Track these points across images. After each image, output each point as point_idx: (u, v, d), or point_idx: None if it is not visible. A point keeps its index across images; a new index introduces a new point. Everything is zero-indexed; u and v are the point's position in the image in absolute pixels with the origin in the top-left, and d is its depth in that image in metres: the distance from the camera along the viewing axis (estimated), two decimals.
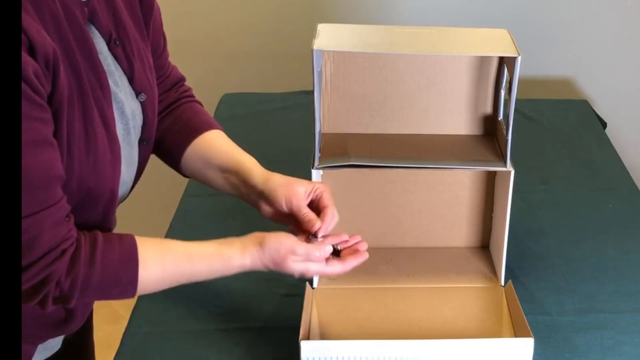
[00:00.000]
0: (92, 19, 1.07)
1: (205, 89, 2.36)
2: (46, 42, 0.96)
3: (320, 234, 1.22)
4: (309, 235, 1.23)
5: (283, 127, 2.06)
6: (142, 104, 1.17)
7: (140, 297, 1.45)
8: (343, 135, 1.48)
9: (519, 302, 1.35)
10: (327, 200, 1.26)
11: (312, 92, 1.34)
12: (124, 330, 1.38)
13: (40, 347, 1.20)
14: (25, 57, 0.92)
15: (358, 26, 1.41)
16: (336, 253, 1.23)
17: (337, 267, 1.21)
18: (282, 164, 1.84)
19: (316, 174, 1.40)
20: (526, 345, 1.23)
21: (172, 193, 1.73)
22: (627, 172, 1.87)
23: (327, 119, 1.48)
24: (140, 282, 1.08)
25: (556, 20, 2.36)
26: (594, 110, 2.19)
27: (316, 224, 1.22)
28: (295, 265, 1.17)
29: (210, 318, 1.40)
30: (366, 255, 1.23)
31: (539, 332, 1.31)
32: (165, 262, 1.11)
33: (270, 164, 1.86)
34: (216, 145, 1.33)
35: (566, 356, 1.32)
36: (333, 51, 1.41)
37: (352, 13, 2.40)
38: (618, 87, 2.43)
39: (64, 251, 1.01)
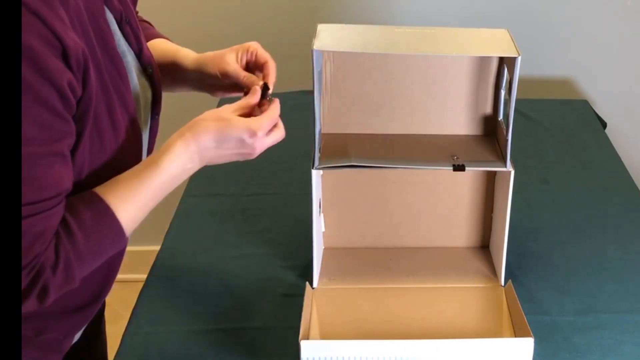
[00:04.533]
0: (108, 3, 1.07)
1: None
2: (77, 44, 0.95)
3: (270, 84, 1.23)
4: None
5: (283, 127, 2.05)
6: (150, 77, 1.17)
7: (140, 297, 1.45)
8: (343, 135, 1.48)
9: (519, 302, 1.35)
10: (263, 55, 1.27)
11: (312, 92, 1.34)
12: (124, 330, 1.38)
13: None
14: (60, 66, 0.92)
15: (358, 26, 1.41)
16: (265, 90, 1.22)
17: (278, 133, 1.20)
18: (282, 164, 1.85)
19: (316, 174, 1.40)
20: (526, 345, 1.23)
21: (172, 193, 1.73)
22: (627, 172, 1.87)
23: (327, 119, 1.48)
24: (124, 224, 1.06)
25: (556, 20, 2.36)
26: (594, 110, 2.19)
27: (259, 80, 1.22)
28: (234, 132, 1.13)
29: (210, 318, 1.40)
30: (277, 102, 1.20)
31: (539, 332, 1.31)
32: (135, 202, 1.09)
33: (270, 164, 1.87)
34: (156, 52, 1.31)
35: (566, 356, 1.32)
36: (333, 51, 1.41)
37: (352, 13, 2.40)
38: (618, 87, 2.43)
39: (49, 241, 1.01)
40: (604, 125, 2.15)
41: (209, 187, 1.79)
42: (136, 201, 1.08)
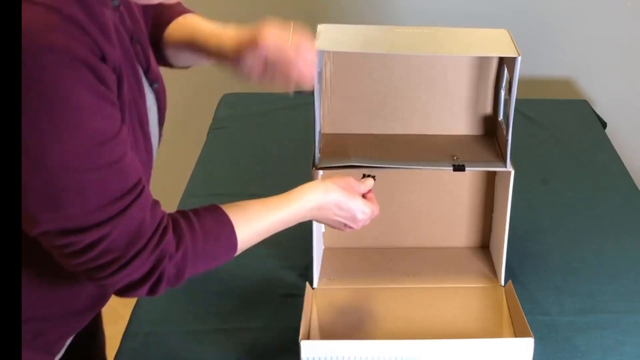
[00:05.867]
0: (122, 22, 1.07)
1: (205, 89, 2.37)
2: (114, 53, 0.98)
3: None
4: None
5: (283, 127, 2.06)
6: (155, 91, 1.18)
7: (140, 297, 1.45)
8: (343, 135, 1.48)
9: (519, 302, 1.35)
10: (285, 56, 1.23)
11: (312, 92, 1.34)
12: (124, 330, 1.38)
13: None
14: (102, 65, 0.94)
15: (358, 26, 1.41)
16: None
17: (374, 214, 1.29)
18: (282, 164, 1.85)
19: (316, 174, 1.39)
20: (526, 345, 1.23)
21: (172, 193, 1.73)
22: (627, 172, 1.87)
23: (327, 119, 1.48)
24: (239, 239, 1.11)
25: (556, 20, 2.36)
26: (594, 110, 2.19)
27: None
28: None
29: (210, 318, 1.40)
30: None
31: (539, 332, 1.31)
32: (252, 226, 1.14)
33: (270, 164, 1.87)
34: (179, 28, 1.34)
35: (566, 356, 1.32)
36: (333, 52, 1.41)
37: (352, 13, 2.40)
38: (618, 87, 2.43)
39: (165, 228, 1.03)
40: (604, 125, 2.15)
41: (209, 187, 1.79)
42: (255, 227, 1.14)
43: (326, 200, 1.21)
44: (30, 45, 0.86)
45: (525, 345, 1.24)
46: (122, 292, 1.05)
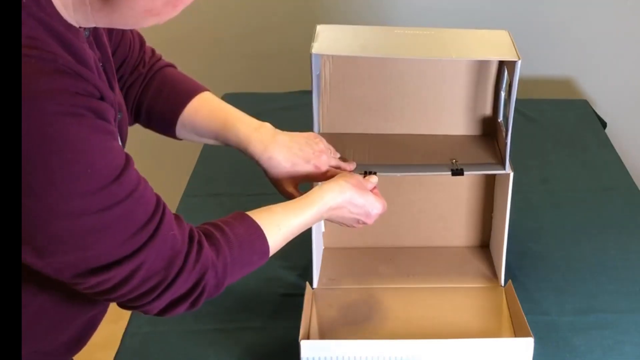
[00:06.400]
0: (91, 49, 1.06)
1: None
2: (107, 89, 0.98)
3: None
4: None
5: (283, 127, 2.04)
6: (118, 122, 1.17)
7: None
8: (342, 135, 1.48)
9: (519, 302, 1.35)
10: (336, 168, 1.33)
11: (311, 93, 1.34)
12: (124, 330, 1.38)
13: None
14: (103, 103, 0.94)
15: (357, 27, 1.41)
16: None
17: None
18: None
19: None
20: (526, 345, 1.24)
21: (172, 193, 1.73)
22: (627, 172, 1.87)
23: (326, 119, 1.48)
24: (270, 245, 1.13)
25: (556, 20, 2.36)
26: (594, 110, 2.19)
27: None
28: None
29: (210, 318, 1.40)
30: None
31: (539, 332, 1.31)
32: (280, 231, 1.16)
33: None
34: (204, 115, 1.33)
35: (566, 356, 1.32)
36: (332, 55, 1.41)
37: (352, 13, 2.40)
38: (618, 87, 2.43)
39: (199, 240, 1.04)
40: (604, 125, 2.15)
41: (209, 187, 1.79)
42: (283, 231, 1.16)
43: (342, 199, 1.23)
44: (30, 99, 0.85)
45: (525, 345, 1.24)
46: (163, 312, 1.05)
